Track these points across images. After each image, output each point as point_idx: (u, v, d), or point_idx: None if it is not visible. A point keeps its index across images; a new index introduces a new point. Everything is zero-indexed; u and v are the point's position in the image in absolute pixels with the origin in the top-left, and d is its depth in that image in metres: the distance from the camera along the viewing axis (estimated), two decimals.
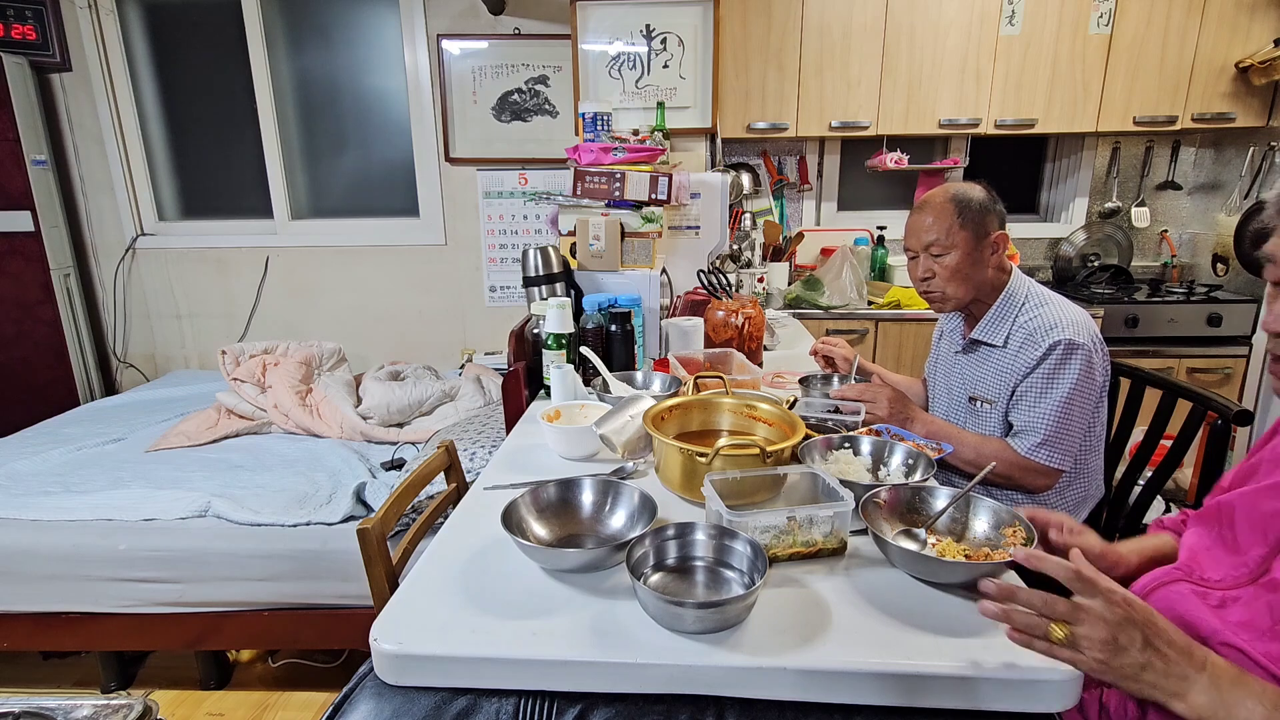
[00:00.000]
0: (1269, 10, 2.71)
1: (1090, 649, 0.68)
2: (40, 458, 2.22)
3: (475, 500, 1.14)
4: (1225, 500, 0.90)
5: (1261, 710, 0.66)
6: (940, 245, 1.41)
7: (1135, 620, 0.68)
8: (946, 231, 1.40)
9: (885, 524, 0.98)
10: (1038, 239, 3.34)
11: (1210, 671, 0.69)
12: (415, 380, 2.61)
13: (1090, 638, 0.68)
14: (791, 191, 3.34)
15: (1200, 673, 0.69)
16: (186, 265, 3.32)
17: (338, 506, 1.87)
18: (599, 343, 1.69)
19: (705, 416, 1.30)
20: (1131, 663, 0.68)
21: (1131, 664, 0.68)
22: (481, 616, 0.82)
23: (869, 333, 2.87)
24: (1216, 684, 0.68)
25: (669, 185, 1.92)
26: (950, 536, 0.96)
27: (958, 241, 1.40)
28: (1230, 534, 0.87)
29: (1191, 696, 0.68)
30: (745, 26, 2.78)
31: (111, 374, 3.44)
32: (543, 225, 3.21)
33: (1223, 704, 0.67)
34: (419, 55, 3.05)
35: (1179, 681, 0.69)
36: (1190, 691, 0.68)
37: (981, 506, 0.97)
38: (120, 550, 1.79)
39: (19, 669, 2.08)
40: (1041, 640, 0.69)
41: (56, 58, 3.03)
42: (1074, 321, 1.35)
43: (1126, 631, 0.68)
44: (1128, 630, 0.68)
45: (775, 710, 0.76)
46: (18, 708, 0.84)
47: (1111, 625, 0.68)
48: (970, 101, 2.84)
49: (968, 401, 1.51)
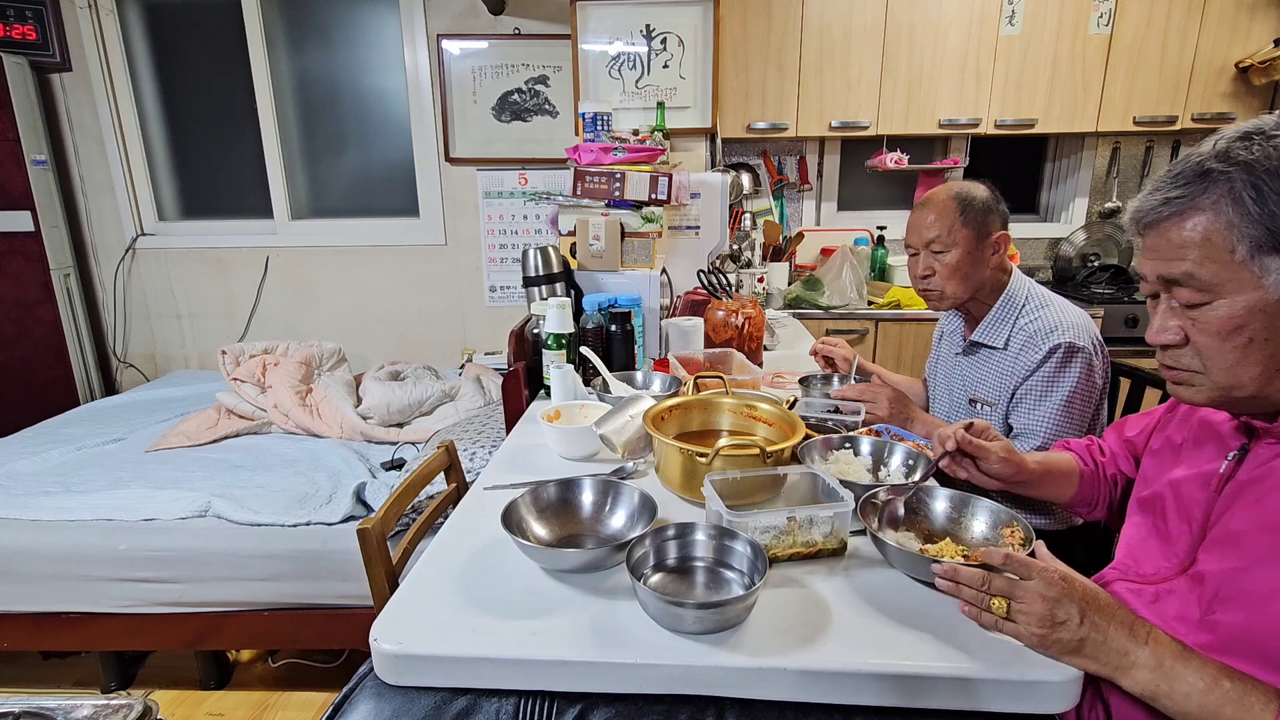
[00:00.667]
0: (1269, 10, 2.71)
1: (1028, 623, 0.75)
2: (40, 458, 2.22)
3: (475, 500, 1.14)
4: (1157, 491, 0.92)
5: (1202, 683, 0.69)
6: (941, 243, 1.41)
7: (1073, 596, 0.74)
8: (948, 229, 1.39)
9: (885, 525, 0.98)
10: (1038, 239, 3.34)
11: (1153, 647, 0.72)
12: (415, 380, 2.61)
13: (1027, 612, 0.75)
14: (791, 191, 3.34)
15: (1142, 647, 0.72)
16: (186, 265, 3.32)
17: (338, 506, 1.87)
18: (599, 343, 1.69)
19: (705, 416, 1.30)
20: (1069, 637, 0.73)
21: (1069, 638, 0.73)
22: (481, 616, 0.82)
23: (869, 333, 2.87)
24: (1159, 659, 0.71)
25: (669, 185, 1.92)
26: (948, 538, 0.96)
27: (959, 239, 1.40)
28: (1163, 524, 0.89)
29: (1135, 672, 0.72)
30: (745, 26, 2.78)
31: (111, 374, 3.44)
32: (543, 225, 3.21)
33: (1165, 678, 0.71)
34: (419, 55, 3.05)
35: (1119, 656, 0.72)
36: (1133, 667, 0.72)
37: (980, 507, 0.97)
38: (120, 550, 1.79)
39: (19, 669, 2.08)
40: (987, 613, 0.78)
41: (56, 58, 3.03)
42: (1074, 324, 1.34)
43: (1063, 607, 0.73)
44: (1064, 606, 0.73)
45: (775, 710, 0.76)
46: (18, 708, 0.84)
47: (1049, 601, 0.74)
48: (970, 101, 2.84)
49: (968, 403, 1.51)
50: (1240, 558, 0.75)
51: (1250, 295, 0.70)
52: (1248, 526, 0.76)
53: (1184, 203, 0.72)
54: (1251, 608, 0.72)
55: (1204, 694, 0.68)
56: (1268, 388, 0.72)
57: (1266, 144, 0.69)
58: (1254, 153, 0.69)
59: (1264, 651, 0.70)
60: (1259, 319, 0.70)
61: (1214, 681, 0.68)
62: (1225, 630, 0.73)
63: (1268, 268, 0.68)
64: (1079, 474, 1.13)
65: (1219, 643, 0.74)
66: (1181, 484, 0.87)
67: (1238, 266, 0.70)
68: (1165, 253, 0.74)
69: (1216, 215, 0.70)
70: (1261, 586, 0.72)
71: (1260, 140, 0.69)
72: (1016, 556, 0.78)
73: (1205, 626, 0.76)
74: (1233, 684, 0.68)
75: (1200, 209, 0.71)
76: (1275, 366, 0.71)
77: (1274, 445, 0.77)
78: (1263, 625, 0.70)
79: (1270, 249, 0.68)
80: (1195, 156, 0.73)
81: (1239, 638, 0.72)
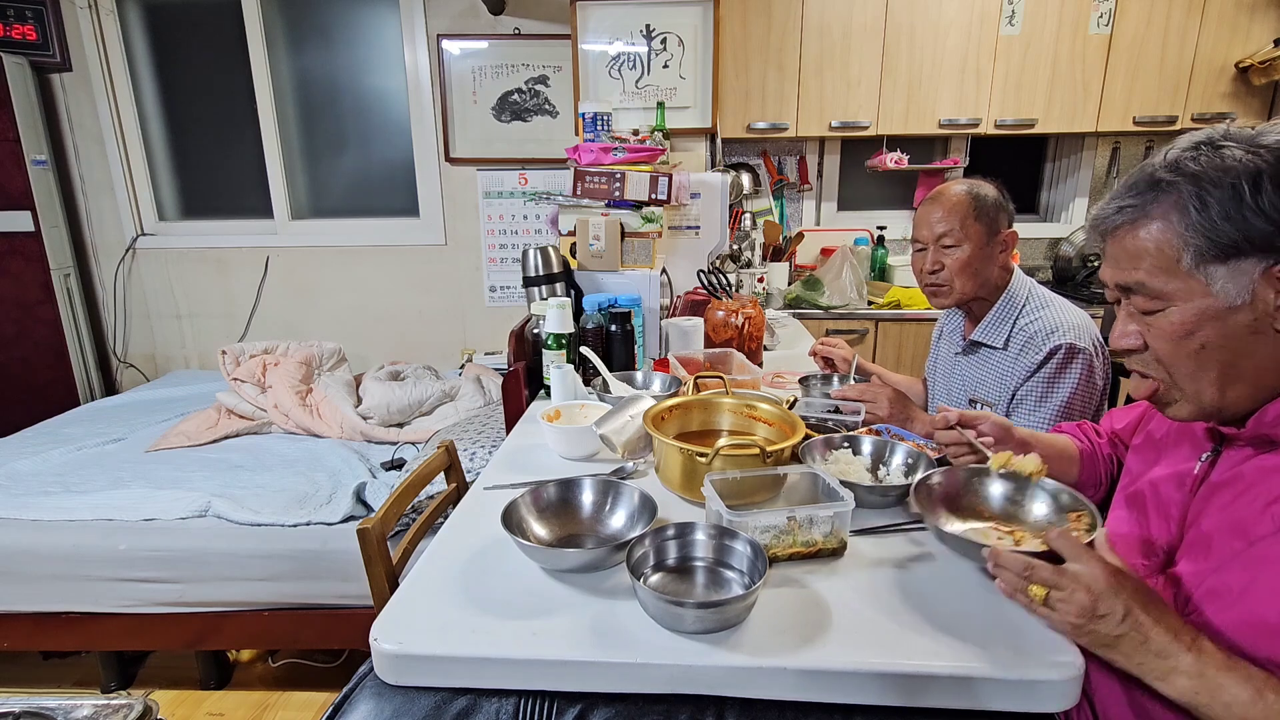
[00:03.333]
0: (1269, 10, 2.71)
1: (1066, 612, 0.73)
2: (40, 458, 2.22)
3: (475, 500, 1.14)
4: (1139, 489, 0.93)
5: (1245, 695, 0.67)
6: (953, 237, 1.40)
7: (1120, 592, 0.71)
8: (961, 223, 1.39)
9: (940, 510, 0.97)
10: (1038, 239, 3.34)
11: (1195, 655, 0.70)
12: (415, 380, 2.61)
13: (1068, 601, 0.72)
14: (791, 191, 3.34)
15: (1185, 654, 0.70)
16: (186, 265, 3.32)
17: (338, 506, 1.87)
18: (599, 343, 1.69)
19: (705, 416, 1.30)
20: (1107, 632, 0.71)
21: (1106, 633, 0.71)
22: (481, 616, 0.82)
23: (869, 333, 2.87)
24: (1201, 668, 0.69)
25: (669, 185, 1.92)
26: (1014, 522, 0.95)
27: (971, 235, 1.39)
28: (1145, 521, 0.90)
29: (1175, 678, 0.70)
30: (745, 26, 2.78)
31: (111, 374, 3.44)
32: (543, 225, 3.21)
33: (1206, 688, 0.68)
34: (419, 55, 3.05)
35: (1158, 660, 0.70)
36: (1173, 673, 0.70)
37: (1040, 491, 0.96)
38: (120, 550, 1.79)
39: (19, 669, 2.08)
40: (1021, 595, 0.76)
41: (56, 58, 3.03)
42: (1075, 325, 1.34)
43: (1108, 601, 0.71)
44: (1109, 600, 0.71)
45: (775, 710, 0.76)
46: (18, 708, 0.84)
47: (1095, 593, 0.71)
48: (970, 101, 2.84)
49: (968, 404, 1.51)
50: (1211, 559, 0.76)
51: (1199, 302, 0.72)
52: (1218, 529, 0.76)
53: (1135, 212, 0.75)
54: (1223, 609, 0.73)
55: (1247, 706, 0.66)
56: (1227, 395, 0.74)
57: (1214, 155, 0.70)
58: (1200, 164, 0.71)
59: (1237, 653, 0.70)
60: (1209, 325, 0.72)
61: (1258, 694, 0.66)
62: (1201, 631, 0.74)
63: (1213, 276, 0.70)
64: (1079, 452, 1.13)
65: None
66: (1160, 483, 0.88)
67: (1185, 275, 0.72)
68: (1121, 261, 0.77)
69: (1165, 225, 0.72)
70: (1231, 587, 0.72)
71: (1208, 151, 0.71)
72: (1070, 537, 0.77)
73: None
74: (1277, 697, 0.66)
75: (1151, 218, 0.73)
76: (1231, 374, 0.73)
77: (1244, 449, 0.78)
78: (1233, 626, 0.71)
79: (1213, 258, 0.70)
80: (1149, 166, 0.75)
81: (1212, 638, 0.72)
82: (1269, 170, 0.67)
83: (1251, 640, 0.70)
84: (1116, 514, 0.97)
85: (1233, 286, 0.70)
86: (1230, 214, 0.68)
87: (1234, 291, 0.70)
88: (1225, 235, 0.69)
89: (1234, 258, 0.69)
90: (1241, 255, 0.69)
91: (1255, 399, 0.74)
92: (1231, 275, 0.70)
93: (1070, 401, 1.32)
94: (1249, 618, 0.70)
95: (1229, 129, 0.72)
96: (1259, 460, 0.76)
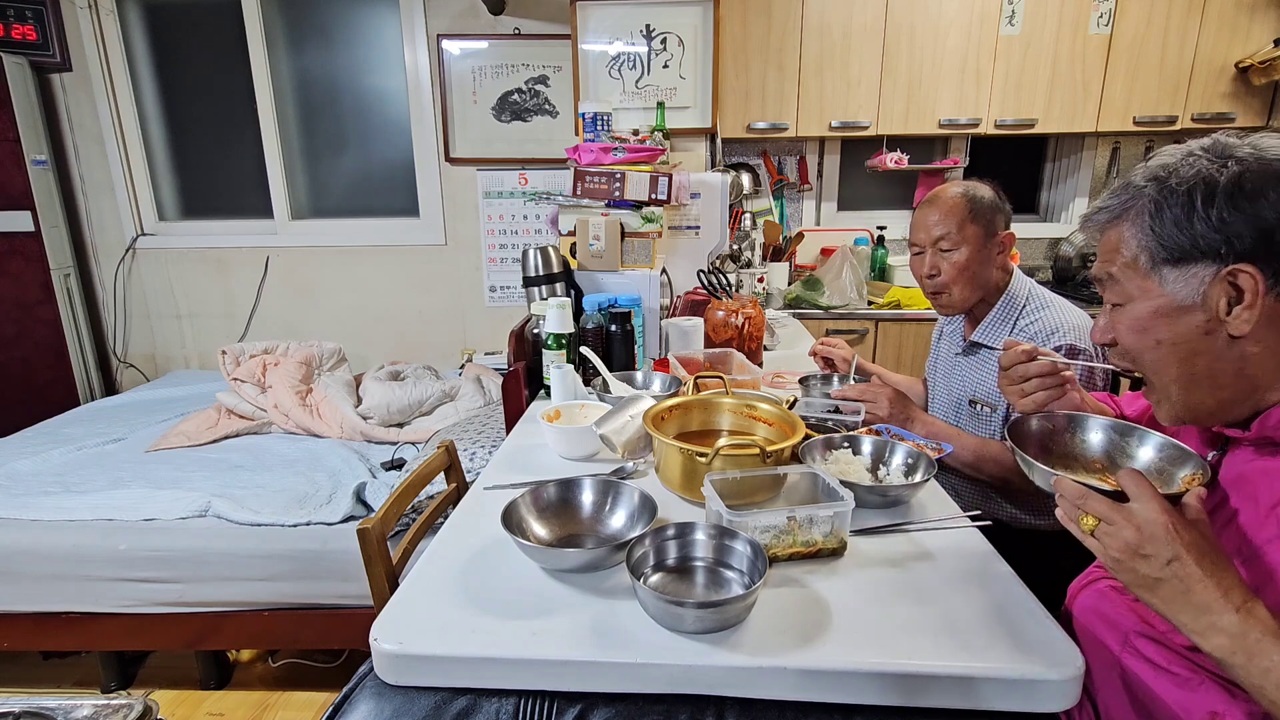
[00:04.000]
0: (1269, 10, 2.71)
1: (1109, 545, 0.72)
2: (40, 458, 2.22)
3: (475, 500, 1.14)
4: None
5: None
6: (950, 240, 1.40)
7: (1174, 540, 0.69)
8: (958, 227, 1.39)
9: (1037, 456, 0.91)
10: (1038, 239, 3.34)
11: (1243, 616, 0.67)
12: (415, 380, 2.61)
13: (1114, 535, 0.71)
14: (791, 191, 3.34)
15: (1231, 614, 0.68)
16: (186, 265, 3.32)
17: (338, 506, 1.87)
18: (599, 343, 1.69)
19: (705, 416, 1.30)
20: (1147, 574, 0.70)
21: (1147, 574, 0.70)
22: (481, 616, 0.82)
23: (869, 333, 2.87)
24: (1245, 630, 0.67)
25: (669, 185, 1.92)
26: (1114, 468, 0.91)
27: (968, 237, 1.39)
28: None
29: (1213, 635, 0.68)
30: (745, 26, 2.78)
31: (111, 374, 3.44)
32: (543, 225, 3.21)
33: (1244, 649, 0.66)
34: (419, 55, 3.05)
35: (1198, 614, 0.68)
36: (1211, 629, 0.68)
37: (1149, 439, 0.90)
38: (120, 550, 1.79)
39: (19, 669, 2.08)
40: (1073, 525, 0.75)
41: (56, 58, 3.03)
42: (1075, 325, 1.34)
43: (1154, 544, 0.69)
44: (1156, 544, 0.69)
45: (775, 710, 0.76)
46: (18, 708, 0.84)
47: (1144, 534, 0.69)
48: (970, 101, 2.84)
49: (968, 404, 1.51)
50: None
51: (1155, 301, 0.77)
52: (1223, 530, 0.76)
53: (1112, 213, 0.81)
54: None
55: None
56: (1191, 396, 0.77)
57: (1185, 163, 0.75)
58: (1168, 170, 0.75)
59: None
60: (1163, 323, 0.77)
61: None
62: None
63: (1166, 277, 0.76)
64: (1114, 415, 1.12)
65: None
66: None
67: (1144, 274, 0.77)
68: (1102, 255, 0.83)
69: (1130, 227, 0.78)
70: None
71: (1183, 158, 0.76)
72: (1142, 481, 0.72)
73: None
74: None
75: (1123, 219, 0.79)
76: (1190, 374, 0.77)
77: (1247, 451, 0.78)
78: None
79: (1163, 261, 0.75)
80: (1135, 170, 0.80)
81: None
82: (1224, 184, 0.71)
83: None
84: None
85: (1183, 288, 0.75)
86: (1180, 222, 0.73)
87: (1184, 293, 0.75)
88: (1174, 241, 0.74)
89: (1184, 262, 0.74)
90: (1191, 261, 0.74)
91: (1220, 404, 0.77)
92: (1183, 277, 0.74)
93: None
94: None
95: (1216, 138, 0.75)
96: (1263, 463, 0.76)
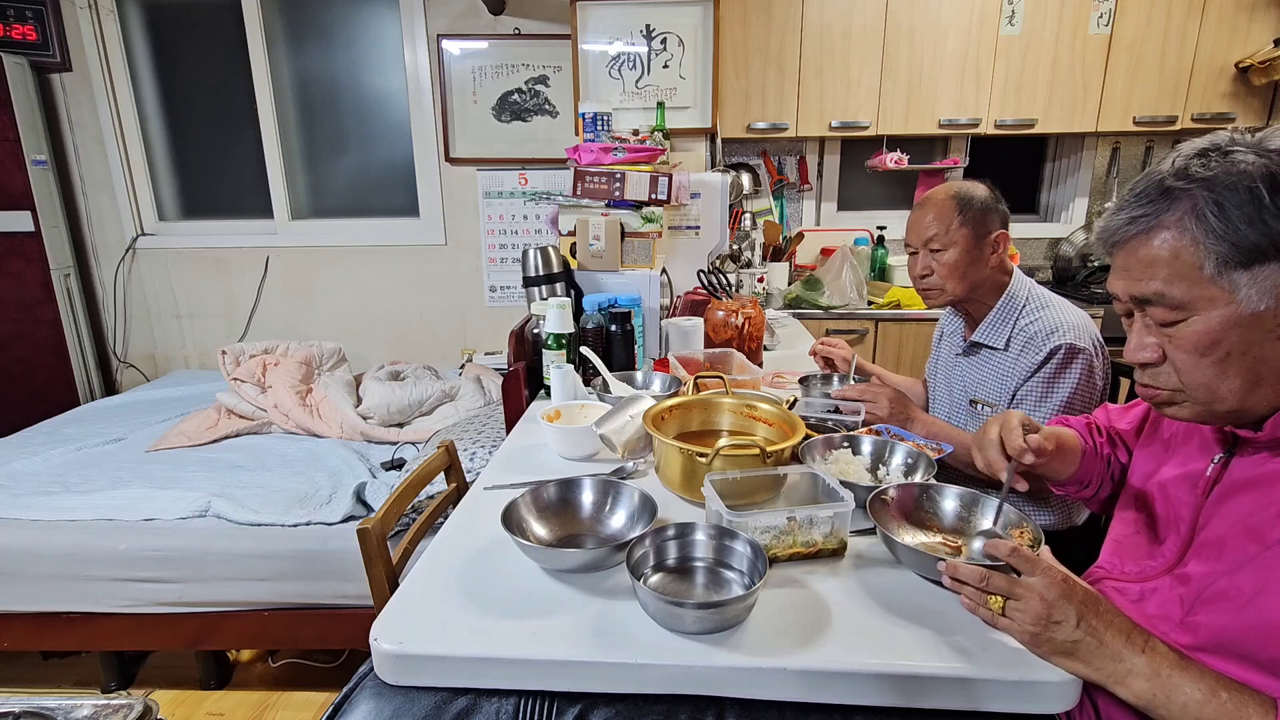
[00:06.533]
0: (1269, 10, 2.71)
1: (1023, 620, 0.75)
2: (40, 458, 2.22)
3: (475, 500, 1.14)
4: (1146, 490, 0.92)
5: (1199, 694, 0.69)
6: (940, 241, 1.41)
7: (1072, 599, 0.74)
8: (946, 228, 1.40)
9: (893, 523, 0.98)
10: (1038, 239, 3.34)
11: (1149, 656, 0.72)
12: (415, 380, 2.61)
13: (1024, 610, 0.75)
14: (791, 191, 3.34)
15: (1139, 655, 0.72)
16: (186, 265, 3.32)
17: (338, 506, 1.87)
18: (599, 343, 1.68)
19: (705, 416, 1.30)
20: (1064, 639, 0.73)
21: (1063, 639, 0.73)
22: (481, 616, 0.82)
23: (869, 333, 2.87)
24: (1156, 668, 0.71)
25: (669, 185, 1.92)
26: (962, 537, 0.96)
27: (957, 238, 1.40)
28: (1151, 523, 0.89)
29: (1131, 681, 0.72)
30: (745, 26, 2.78)
31: (111, 374, 3.44)
32: (543, 225, 3.21)
33: (1162, 688, 0.70)
34: (419, 55, 3.05)
35: (1114, 664, 0.72)
36: (1129, 675, 0.72)
37: (989, 505, 0.96)
38: (120, 550, 1.79)
39: (19, 669, 2.08)
40: (983, 609, 0.79)
41: (56, 58, 3.03)
42: (1075, 325, 1.34)
43: (1060, 608, 0.73)
44: (1062, 607, 0.73)
45: (775, 710, 0.76)
46: (18, 708, 0.84)
47: (1048, 602, 0.74)
48: (970, 101, 2.84)
49: (968, 404, 1.51)
50: (1224, 561, 0.76)
51: (1224, 310, 0.70)
52: (1231, 531, 0.76)
53: (1148, 221, 0.73)
54: (1232, 611, 0.73)
55: (1201, 705, 0.68)
56: (1248, 400, 0.73)
57: (1224, 160, 0.69)
58: (1212, 169, 0.69)
59: (1243, 653, 0.71)
60: (1234, 334, 0.70)
61: (1211, 693, 0.68)
62: (1206, 632, 0.74)
63: (1236, 283, 0.69)
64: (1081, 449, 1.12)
65: (1199, 643, 0.74)
66: (1169, 484, 0.88)
67: (1207, 283, 0.70)
68: (1135, 272, 0.75)
69: (1181, 232, 0.70)
70: (1243, 590, 0.72)
71: (1217, 157, 0.70)
72: (1023, 550, 0.78)
73: (1186, 627, 0.76)
74: (1230, 695, 0.68)
75: (1165, 226, 0.71)
76: (1254, 379, 0.71)
77: (1259, 452, 0.78)
78: (1243, 628, 0.71)
79: (1236, 264, 0.68)
80: (1156, 174, 0.74)
81: (1219, 640, 0.73)
82: None
83: (1260, 643, 0.70)
84: (1121, 516, 0.97)
85: (1255, 292, 0.68)
86: (1252, 218, 0.67)
87: (1257, 297, 0.68)
88: (1248, 240, 0.67)
89: (1257, 263, 0.68)
90: (1265, 260, 0.68)
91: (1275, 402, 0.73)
92: (1254, 280, 0.68)
93: (1070, 401, 1.32)
94: (1259, 621, 0.70)
95: (1232, 135, 0.72)
96: (1276, 464, 0.75)
